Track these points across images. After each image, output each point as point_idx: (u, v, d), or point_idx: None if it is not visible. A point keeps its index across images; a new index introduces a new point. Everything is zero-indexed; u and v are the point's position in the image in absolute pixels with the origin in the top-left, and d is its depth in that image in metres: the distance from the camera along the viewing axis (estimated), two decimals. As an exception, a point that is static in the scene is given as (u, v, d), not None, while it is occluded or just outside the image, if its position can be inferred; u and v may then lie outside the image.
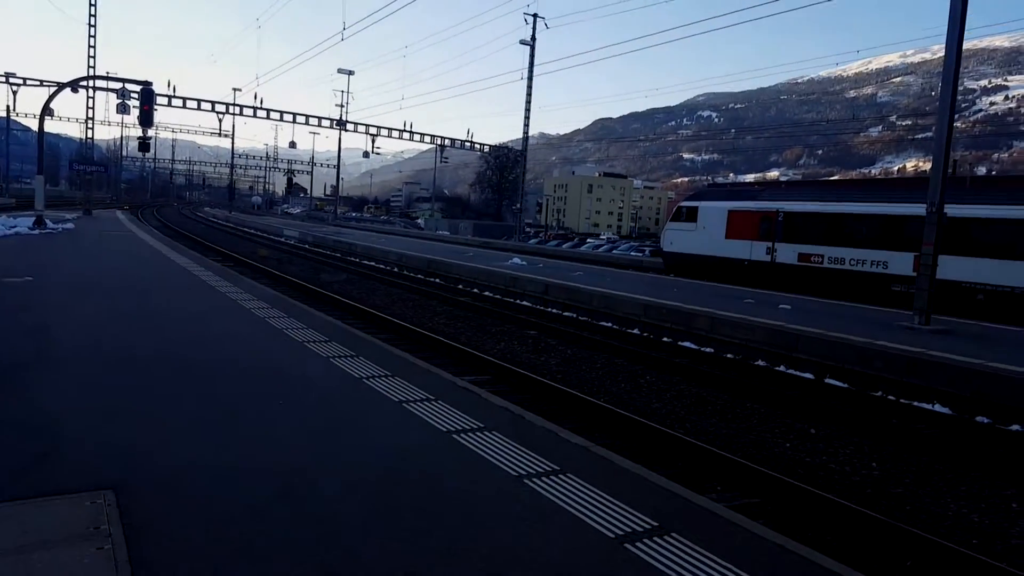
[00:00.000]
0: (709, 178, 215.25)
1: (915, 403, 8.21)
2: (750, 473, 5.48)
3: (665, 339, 11.78)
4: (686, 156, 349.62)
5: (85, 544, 2.75)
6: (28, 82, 47.16)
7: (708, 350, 10.96)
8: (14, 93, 48.77)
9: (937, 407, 8.03)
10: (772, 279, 19.63)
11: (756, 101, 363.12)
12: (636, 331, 12.45)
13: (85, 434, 4.08)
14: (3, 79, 46.35)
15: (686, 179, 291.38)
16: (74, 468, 3.55)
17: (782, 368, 9.84)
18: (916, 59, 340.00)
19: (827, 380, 9.23)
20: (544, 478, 3.87)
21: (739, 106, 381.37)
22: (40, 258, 13.82)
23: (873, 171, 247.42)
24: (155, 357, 6.14)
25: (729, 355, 10.66)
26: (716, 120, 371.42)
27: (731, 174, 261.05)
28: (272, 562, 2.77)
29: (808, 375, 9.46)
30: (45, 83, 47.43)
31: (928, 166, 13.58)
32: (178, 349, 6.52)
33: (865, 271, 17.85)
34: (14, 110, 55.05)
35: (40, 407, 4.51)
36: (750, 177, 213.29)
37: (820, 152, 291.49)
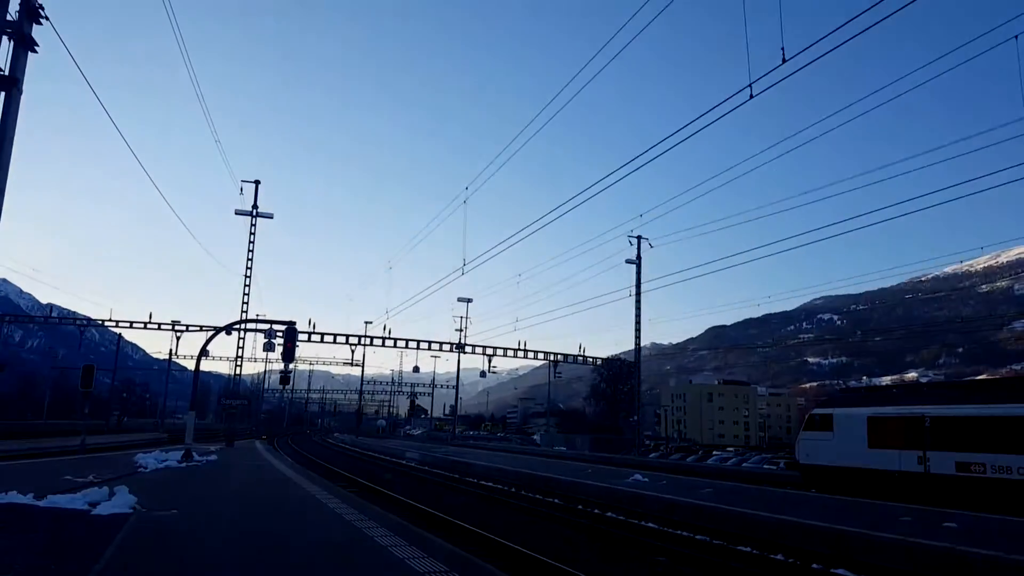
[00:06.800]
0: (840, 382, 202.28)
1: None
2: None
3: (814, 566, 10.49)
4: (811, 360, 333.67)
5: None
6: (190, 328, 54.00)
7: (868, 580, 9.60)
8: (177, 338, 54.99)
9: None
10: (927, 491, 17.46)
11: (879, 302, 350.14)
12: (780, 557, 11.22)
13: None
14: (170, 327, 53.52)
15: (814, 384, 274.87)
16: None
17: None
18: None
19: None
20: None
21: (861, 307, 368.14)
22: (186, 492, 14.90)
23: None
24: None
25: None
26: (838, 323, 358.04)
27: (864, 377, 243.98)
28: None
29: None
30: (204, 328, 54.22)
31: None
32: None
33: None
34: (176, 353, 62.32)
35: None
36: (886, 379, 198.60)
37: (961, 350, 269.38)
